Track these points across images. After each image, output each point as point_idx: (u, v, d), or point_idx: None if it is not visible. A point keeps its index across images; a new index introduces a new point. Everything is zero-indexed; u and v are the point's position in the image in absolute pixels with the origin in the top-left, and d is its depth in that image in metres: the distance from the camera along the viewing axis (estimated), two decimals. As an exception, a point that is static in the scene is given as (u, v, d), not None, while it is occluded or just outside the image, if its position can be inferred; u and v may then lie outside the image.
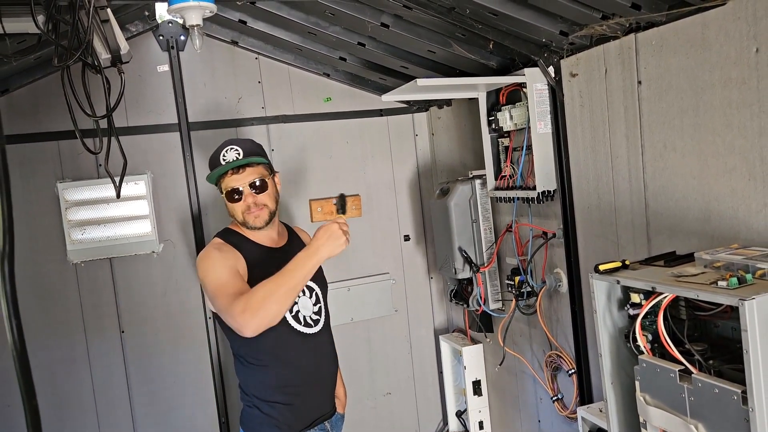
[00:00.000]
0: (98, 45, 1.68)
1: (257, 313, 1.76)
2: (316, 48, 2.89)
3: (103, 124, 1.78)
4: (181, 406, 3.07)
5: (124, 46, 1.71)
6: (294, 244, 2.26)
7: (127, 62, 1.76)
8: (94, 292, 2.94)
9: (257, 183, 2.05)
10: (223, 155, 2.03)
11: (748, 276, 1.30)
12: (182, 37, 3.00)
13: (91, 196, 2.85)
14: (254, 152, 2.08)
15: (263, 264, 2.07)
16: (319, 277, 2.24)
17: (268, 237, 2.16)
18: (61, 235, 2.84)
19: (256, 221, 2.07)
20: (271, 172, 2.13)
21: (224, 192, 2.05)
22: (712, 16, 1.63)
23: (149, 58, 2.98)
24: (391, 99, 2.76)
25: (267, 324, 1.79)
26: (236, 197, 2.04)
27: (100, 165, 2.87)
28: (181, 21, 2.82)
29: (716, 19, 1.62)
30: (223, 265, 1.98)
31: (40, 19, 1.59)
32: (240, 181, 2.04)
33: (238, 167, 2.02)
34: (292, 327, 2.09)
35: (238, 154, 2.03)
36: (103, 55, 1.70)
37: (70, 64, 1.60)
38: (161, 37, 2.97)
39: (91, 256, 2.89)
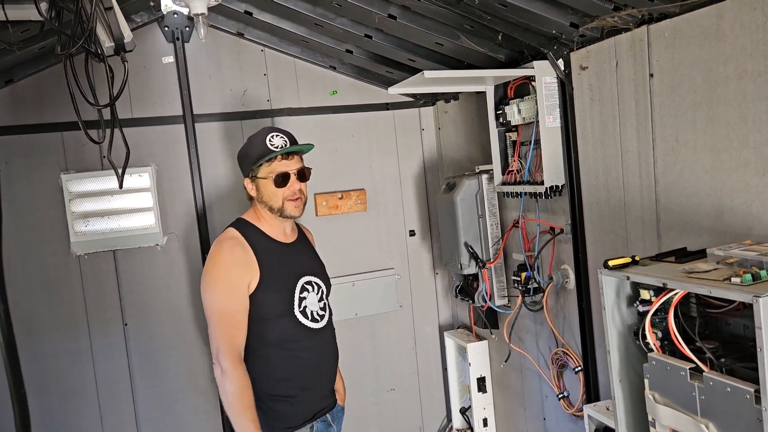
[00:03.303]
0: (101, 33, 1.66)
1: (223, 385, 1.98)
2: (322, 40, 2.87)
3: (107, 114, 1.76)
4: (184, 400, 3.06)
5: (127, 34, 1.69)
6: (302, 241, 2.28)
7: (131, 51, 1.74)
8: (97, 284, 2.93)
9: (304, 171, 2.13)
10: (270, 140, 2.07)
11: (762, 272, 1.27)
12: (187, 29, 2.98)
13: (94, 188, 2.84)
14: (296, 141, 2.15)
15: (274, 259, 2.09)
16: (323, 275, 2.25)
17: (281, 230, 2.18)
18: (65, 226, 2.83)
19: (294, 210, 2.12)
20: None
21: (268, 176, 2.07)
22: (727, 6, 1.59)
23: (154, 49, 2.96)
24: (398, 92, 2.73)
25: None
26: (285, 182, 2.08)
27: (104, 157, 2.85)
28: (186, 11, 2.79)
29: (731, 9, 1.59)
30: (231, 285, 2.03)
31: (43, 6, 1.56)
32: (290, 166, 2.09)
33: (288, 153, 2.06)
34: (300, 321, 2.10)
35: (285, 141, 2.09)
36: (107, 44, 1.68)
37: (73, 52, 1.58)
38: (166, 29, 2.95)
39: (95, 248, 2.88)
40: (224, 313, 2.01)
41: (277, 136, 2.09)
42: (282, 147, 2.06)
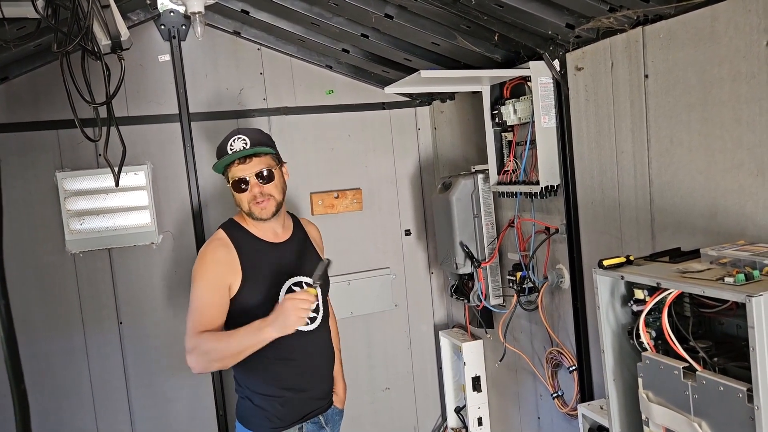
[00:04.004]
0: (98, 31, 1.66)
1: (198, 362, 1.93)
2: (318, 39, 2.87)
3: (103, 112, 1.75)
4: (178, 399, 3.06)
5: (124, 32, 1.69)
6: (297, 238, 2.24)
7: (127, 49, 1.73)
8: (92, 282, 2.92)
9: (264, 173, 2.05)
10: (230, 145, 2.03)
11: (755, 272, 1.28)
12: (184, 27, 2.97)
13: (90, 186, 2.84)
14: (262, 142, 2.07)
15: (259, 260, 2.07)
16: (322, 276, 2.22)
17: (271, 230, 2.15)
18: (60, 225, 2.82)
19: (262, 213, 2.06)
20: (279, 162, 2.13)
21: (230, 182, 2.05)
22: (722, 8, 1.61)
23: (150, 47, 2.95)
24: (394, 91, 2.73)
25: (208, 371, 1.99)
26: (242, 187, 2.04)
27: (100, 155, 2.84)
28: (182, 9, 2.79)
29: (726, 11, 1.60)
30: (209, 281, 2.01)
31: (40, 3, 1.56)
32: (246, 170, 2.03)
33: (245, 157, 2.01)
34: None
35: (245, 143, 2.02)
36: (103, 42, 1.68)
37: (70, 50, 1.57)
38: (163, 27, 2.95)
39: (90, 247, 2.87)
40: (199, 307, 1.98)
41: (238, 139, 2.03)
42: (240, 151, 2.01)
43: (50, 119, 2.80)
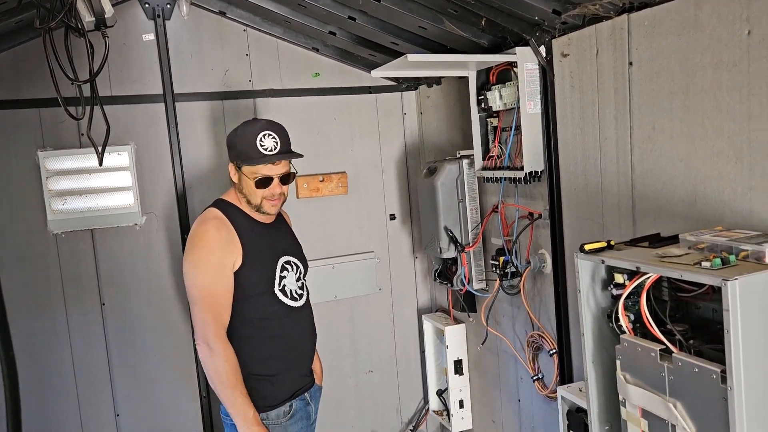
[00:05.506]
0: (82, 7, 1.64)
1: (208, 364, 2.02)
2: (305, 21, 2.85)
3: (86, 90, 1.74)
4: (162, 380, 3.06)
5: (108, 9, 1.67)
6: (281, 221, 2.31)
7: (112, 26, 1.72)
8: (74, 263, 2.90)
9: (288, 176, 2.14)
10: (260, 141, 2.05)
11: (732, 257, 1.31)
12: (168, 6, 2.93)
13: (72, 166, 2.81)
14: (288, 142, 2.14)
15: (256, 238, 2.11)
16: (301, 256, 2.30)
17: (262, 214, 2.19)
18: (42, 204, 2.80)
19: (272, 209, 2.14)
20: None
21: (251, 176, 2.07)
22: (706, -3, 1.62)
23: (135, 26, 2.91)
24: (380, 75, 2.73)
25: (205, 370, 2.07)
26: (266, 185, 2.08)
27: (83, 134, 2.81)
28: (167, -12, 2.76)
29: (710, 0, 1.61)
30: (219, 266, 2.04)
31: (21, -22, 1.54)
32: (274, 171, 2.10)
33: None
34: (279, 299, 2.13)
35: (276, 143, 2.08)
36: (87, 18, 1.66)
37: (53, 26, 1.56)
38: (147, 5, 2.91)
39: (72, 227, 2.85)
40: (211, 294, 2.02)
41: (268, 136, 2.06)
42: (271, 150, 2.05)
43: (32, 97, 2.75)
